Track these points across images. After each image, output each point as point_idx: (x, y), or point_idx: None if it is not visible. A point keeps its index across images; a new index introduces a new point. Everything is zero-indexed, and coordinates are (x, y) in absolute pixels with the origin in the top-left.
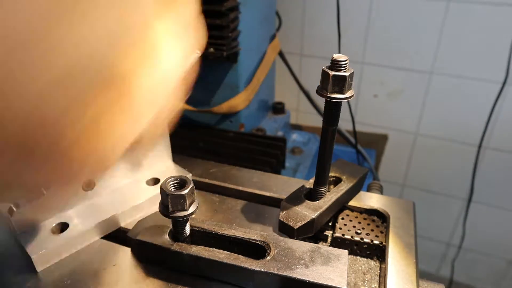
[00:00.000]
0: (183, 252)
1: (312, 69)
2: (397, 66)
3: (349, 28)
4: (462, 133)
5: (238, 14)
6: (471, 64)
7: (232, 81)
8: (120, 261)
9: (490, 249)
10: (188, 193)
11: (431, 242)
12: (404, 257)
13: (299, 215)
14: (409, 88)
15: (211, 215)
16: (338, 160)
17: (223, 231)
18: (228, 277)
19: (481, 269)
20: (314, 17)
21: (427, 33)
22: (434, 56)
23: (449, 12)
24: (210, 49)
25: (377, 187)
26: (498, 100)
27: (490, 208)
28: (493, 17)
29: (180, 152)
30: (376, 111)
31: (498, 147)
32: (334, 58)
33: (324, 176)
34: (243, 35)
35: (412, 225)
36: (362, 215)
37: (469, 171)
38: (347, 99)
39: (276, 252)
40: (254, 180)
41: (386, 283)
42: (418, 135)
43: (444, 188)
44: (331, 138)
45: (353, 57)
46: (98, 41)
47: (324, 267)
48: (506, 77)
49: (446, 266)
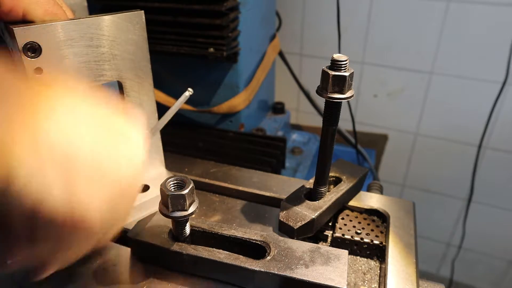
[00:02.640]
0: (183, 252)
1: (312, 69)
2: (397, 66)
3: (349, 28)
4: (462, 133)
5: (238, 14)
6: (471, 64)
7: (232, 81)
8: (120, 261)
9: (490, 249)
10: (188, 193)
11: (431, 242)
12: (404, 257)
13: (299, 215)
14: (409, 88)
15: (211, 215)
16: (338, 160)
17: (223, 231)
18: (228, 277)
19: (481, 269)
20: (314, 17)
21: (427, 33)
22: (434, 56)
23: (449, 12)
24: (210, 49)
25: (377, 187)
26: (498, 100)
27: (490, 208)
28: (493, 17)
29: (180, 152)
30: (376, 111)
31: (498, 147)
32: (334, 58)
33: (324, 176)
34: (243, 35)
35: (412, 225)
36: (362, 215)
37: (469, 171)
38: (347, 99)
39: (276, 252)
40: (254, 180)
41: (386, 283)
42: (418, 135)
43: (444, 188)
44: (331, 138)
45: (353, 57)
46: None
47: (324, 267)
48: (506, 77)
49: (446, 266)
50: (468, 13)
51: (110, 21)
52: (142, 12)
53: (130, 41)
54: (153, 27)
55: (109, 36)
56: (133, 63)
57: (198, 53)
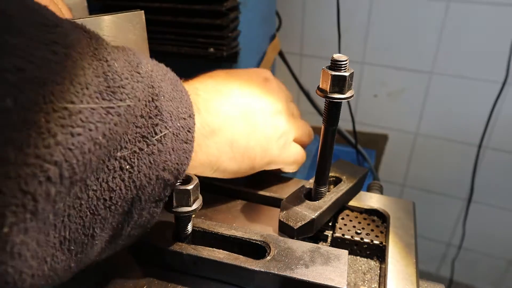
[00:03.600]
0: (183, 252)
1: (312, 69)
2: (397, 66)
3: (349, 28)
4: (462, 133)
5: (238, 14)
6: (471, 64)
7: None
8: (119, 261)
9: (490, 249)
10: (193, 189)
11: (431, 242)
12: (404, 257)
13: (299, 215)
14: (409, 88)
15: (211, 215)
16: (338, 160)
17: (223, 231)
18: (228, 277)
19: (481, 269)
20: (314, 17)
21: (427, 33)
22: (434, 56)
23: (449, 12)
24: (210, 49)
25: (377, 187)
26: (498, 100)
27: (490, 208)
28: (493, 17)
29: None
30: (376, 111)
31: (498, 147)
32: (334, 58)
33: (324, 176)
34: (243, 35)
35: (412, 225)
36: (362, 215)
37: (469, 171)
38: (347, 99)
39: (276, 252)
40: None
41: (386, 283)
42: (418, 135)
43: (444, 188)
44: (331, 138)
45: (353, 57)
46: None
47: (324, 267)
48: (506, 77)
49: (446, 266)
50: (468, 13)
51: (110, 21)
52: (142, 12)
53: (130, 41)
54: (153, 27)
55: (109, 36)
56: None
57: (198, 53)
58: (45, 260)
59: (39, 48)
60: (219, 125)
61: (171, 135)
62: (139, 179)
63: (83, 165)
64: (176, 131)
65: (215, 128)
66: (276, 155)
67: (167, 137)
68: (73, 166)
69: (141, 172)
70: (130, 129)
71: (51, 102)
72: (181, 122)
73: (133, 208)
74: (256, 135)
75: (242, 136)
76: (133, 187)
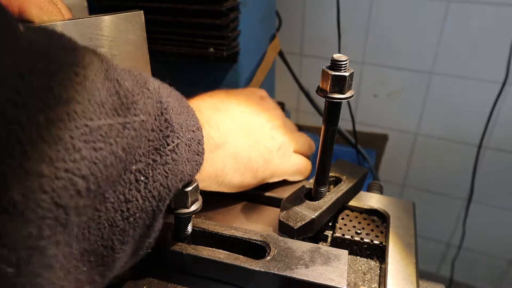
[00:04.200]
0: (183, 252)
1: (312, 69)
2: (397, 66)
3: (349, 28)
4: (462, 133)
5: (238, 14)
6: (471, 64)
7: (232, 81)
8: None
9: (490, 249)
10: (191, 191)
11: (431, 242)
12: (404, 257)
13: (299, 215)
14: (409, 88)
15: (211, 215)
16: (338, 160)
17: (223, 231)
18: (228, 277)
19: (481, 269)
20: (314, 17)
21: (427, 33)
22: (434, 56)
23: (449, 12)
24: (210, 49)
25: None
26: (498, 100)
27: (490, 208)
28: (493, 17)
29: None
30: (376, 111)
31: (498, 147)
32: (334, 58)
33: (324, 176)
34: (243, 35)
35: (412, 225)
36: (362, 215)
37: (469, 171)
38: (347, 99)
39: (276, 252)
40: None
41: (386, 283)
42: (418, 135)
43: (444, 188)
44: (331, 138)
45: (353, 57)
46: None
47: (324, 267)
48: (506, 77)
49: (446, 266)
50: (468, 13)
51: (110, 21)
52: (141, 12)
53: (130, 41)
54: (153, 27)
55: (109, 36)
56: (132, 63)
57: (198, 53)
58: (69, 271)
59: (63, 71)
60: (222, 139)
61: (183, 145)
62: (156, 189)
63: (106, 178)
64: (188, 142)
65: (219, 142)
66: (277, 164)
67: (180, 147)
68: (98, 180)
69: (156, 182)
70: (143, 143)
71: (74, 120)
72: (191, 134)
73: (154, 221)
74: (257, 147)
75: (244, 149)
76: (151, 197)
